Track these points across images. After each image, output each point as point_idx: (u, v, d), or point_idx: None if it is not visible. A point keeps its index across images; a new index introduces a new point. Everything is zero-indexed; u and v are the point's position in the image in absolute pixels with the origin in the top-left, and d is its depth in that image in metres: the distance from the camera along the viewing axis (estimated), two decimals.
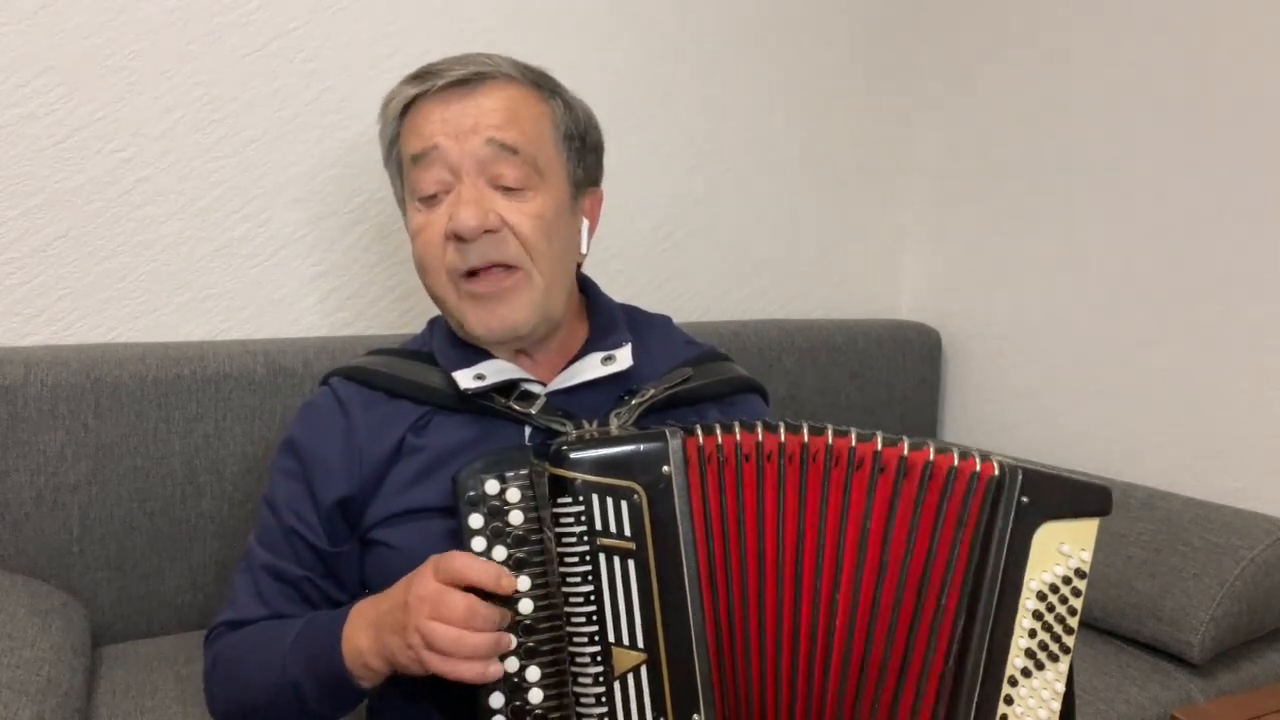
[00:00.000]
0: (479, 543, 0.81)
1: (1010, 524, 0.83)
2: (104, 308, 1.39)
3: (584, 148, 1.00)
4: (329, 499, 0.96)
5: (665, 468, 0.81)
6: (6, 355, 1.25)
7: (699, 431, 0.83)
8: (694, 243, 1.84)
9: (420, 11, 1.54)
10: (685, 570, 0.81)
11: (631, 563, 0.79)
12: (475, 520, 0.82)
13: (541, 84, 0.98)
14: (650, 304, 1.16)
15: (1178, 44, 1.61)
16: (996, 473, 0.83)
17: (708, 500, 0.82)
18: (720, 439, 0.83)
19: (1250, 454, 1.56)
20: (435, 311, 1.03)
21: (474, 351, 0.99)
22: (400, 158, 0.98)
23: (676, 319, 1.15)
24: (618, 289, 1.75)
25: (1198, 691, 1.37)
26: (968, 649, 0.82)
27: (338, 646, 0.87)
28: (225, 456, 1.33)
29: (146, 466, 1.29)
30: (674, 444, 0.81)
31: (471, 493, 0.82)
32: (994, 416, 1.96)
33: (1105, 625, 1.48)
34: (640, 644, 0.79)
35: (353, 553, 0.98)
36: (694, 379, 1.02)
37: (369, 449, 0.96)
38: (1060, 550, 0.85)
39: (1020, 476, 0.83)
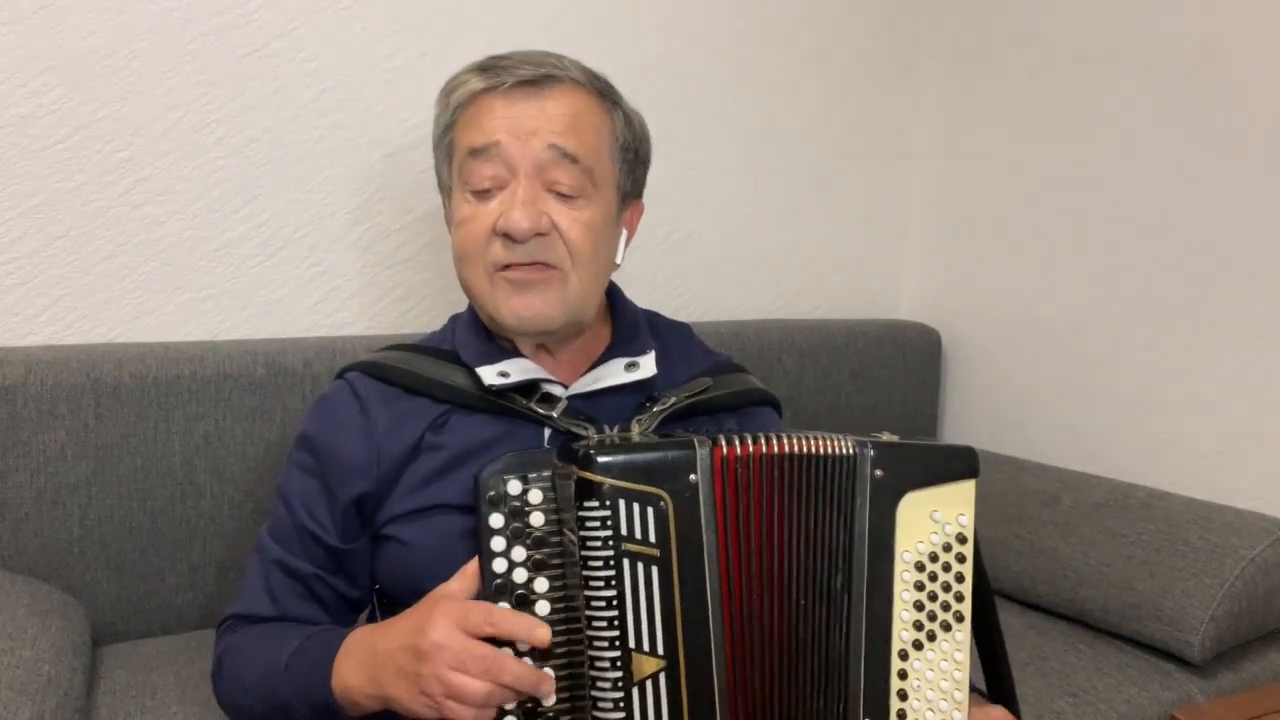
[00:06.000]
0: (499, 542, 0.81)
1: (868, 500, 0.83)
2: (104, 308, 1.39)
3: (636, 160, 1.01)
4: (346, 497, 0.96)
5: (693, 476, 0.81)
6: (6, 355, 1.25)
7: (722, 441, 0.83)
8: (694, 243, 1.84)
9: (420, 11, 1.54)
10: (708, 579, 0.81)
11: (655, 569, 0.79)
12: (496, 520, 0.82)
13: (606, 94, 0.99)
14: (650, 304, 1.16)
15: (1180, 45, 1.61)
16: (844, 451, 0.84)
17: (728, 511, 0.82)
18: (742, 450, 0.83)
19: (1250, 454, 1.56)
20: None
21: (499, 350, 0.99)
22: (453, 146, 0.98)
23: (676, 319, 1.15)
24: None
25: (1198, 691, 1.37)
26: (850, 627, 0.83)
27: (328, 679, 0.87)
28: (225, 456, 1.33)
29: (146, 466, 1.29)
30: (702, 453, 0.82)
31: (493, 492, 0.82)
32: (994, 416, 1.96)
33: (1105, 625, 1.48)
34: (660, 651, 0.79)
35: (364, 548, 0.99)
36: (712, 389, 1.03)
37: (388, 446, 0.96)
38: (933, 518, 0.84)
39: (871, 451, 0.83)
